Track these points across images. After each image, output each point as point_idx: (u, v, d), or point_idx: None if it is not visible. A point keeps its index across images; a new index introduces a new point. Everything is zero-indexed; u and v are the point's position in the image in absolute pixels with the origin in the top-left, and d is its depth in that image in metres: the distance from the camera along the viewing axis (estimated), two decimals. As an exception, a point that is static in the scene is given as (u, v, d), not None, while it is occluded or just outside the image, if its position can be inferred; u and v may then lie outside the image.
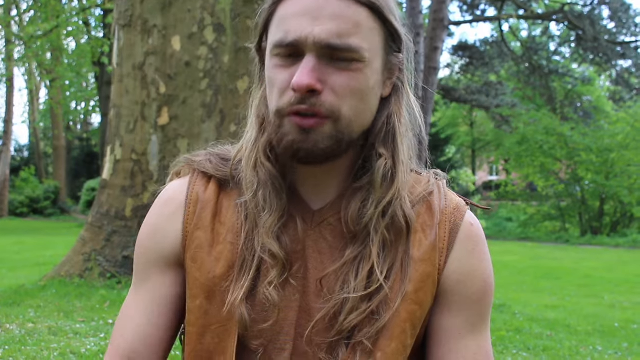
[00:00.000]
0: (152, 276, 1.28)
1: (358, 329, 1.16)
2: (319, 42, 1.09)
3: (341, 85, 1.11)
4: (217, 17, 7.47)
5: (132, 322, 1.27)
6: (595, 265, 13.84)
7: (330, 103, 1.10)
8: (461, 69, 32.37)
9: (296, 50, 1.11)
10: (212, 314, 1.21)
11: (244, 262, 1.20)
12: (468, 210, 1.28)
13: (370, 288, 1.16)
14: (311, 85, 1.08)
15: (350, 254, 1.18)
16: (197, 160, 1.31)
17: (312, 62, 1.09)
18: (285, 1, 1.14)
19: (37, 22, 21.62)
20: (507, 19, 28.12)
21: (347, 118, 1.13)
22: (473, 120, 40.46)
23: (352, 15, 1.10)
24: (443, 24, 14.06)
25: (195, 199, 1.26)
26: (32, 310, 6.39)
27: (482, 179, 45.20)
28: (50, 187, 32.88)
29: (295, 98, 1.10)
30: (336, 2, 1.10)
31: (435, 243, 1.22)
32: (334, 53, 1.10)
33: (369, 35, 1.13)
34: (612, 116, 28.46)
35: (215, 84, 7.48)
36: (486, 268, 1.27)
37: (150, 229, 1.30)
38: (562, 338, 6.45)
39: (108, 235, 7.59)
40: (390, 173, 1.18)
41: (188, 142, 7.44)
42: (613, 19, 27.08)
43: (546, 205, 24.35)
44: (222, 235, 1.23)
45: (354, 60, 1.11)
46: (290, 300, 1.20)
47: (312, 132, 1.11)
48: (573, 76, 30.41)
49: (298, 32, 1.09)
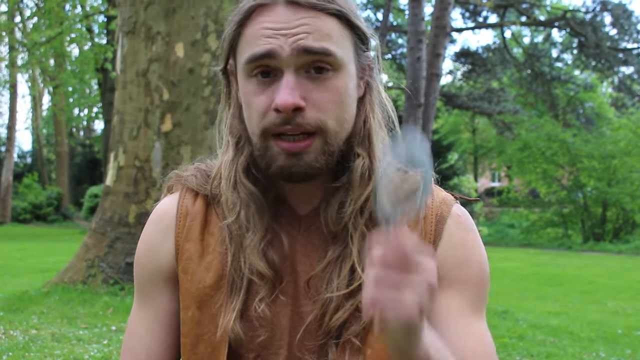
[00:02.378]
0: (153, 294, 1.30)
1: (345, 327, 1.16)
2: (295, 49, 1.09)
3: (323, 99, 1.11)
4: (220, 24, 7.50)
5: (140, 342, 1.29)
6: (598, 272, 13.81)
7: (315, 119, 1.11)
8: (463, 76, 32.40)
9: (271, 66, 1.11)
10: (204, 323, 1.22)
11: (233, 284, 1.20)
12: (456, 203, 1.28)
13: (352, 285, 1.16)
14: (295, 104, 1.08)
15: (333, 253, 1.19)
16: (185, 176, 1.31)
17: (292, 80, 1.09)
18: (250, 22, 1.14)
19: (40, 28, 21.68)
20: (510, 25, 28.20)
21: (333, 130, 1.13)
22: (475, 126, 40.41)
23: (322, 25, 1.11)
24: (445, 30, 14.08)
25: (184, 213, 1.27)
26: (35, 316, 6.40)
27: (485, 186, 45.15)
28: (53, 194, 32.89)
29: (280, 118, 1.10)
30: (305, 14, 1.10)
31: (421, 237, 1.22)
32: (311, 61, 1.10)
33: (341, 42, 1.13)
34: (614, 123, 28.44)
35: (218, 91, 7.45)
36: (478, 254, 1.26)
37: (145, 247, 1.31)
38: (565, 345, 6.44)
39: (111, 241, 7.60)
40: (367, 172, 1.18)
41: (191, 149, 7.45)
42: (615, 26, 27.12)
43: (548, 212, 24.29)
44: (212, 245, 1.24)
45: (331, 69, 1.12)
46: (282, 310, 1.20)
47: (304, 154, 1.12)
48: (575, 83, 30.40)
49: (269, 45, 1.10)
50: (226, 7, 7.52)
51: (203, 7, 7.53)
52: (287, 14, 1.11)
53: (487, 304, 1.27)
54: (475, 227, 1.29)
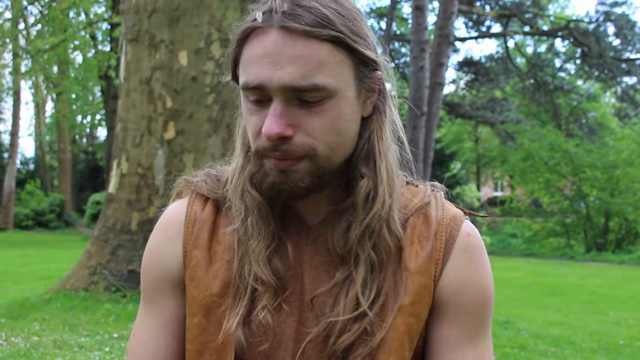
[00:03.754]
0: (160, 299, 1.29)
1: (352, 349, 1.16)
2: (283, 86, 1.07)
3: (314, 126, 1.10)
4: (224, 33, 7.52)
5: (145, 347, 1.28)
6: (600, 282, 13.79)
7: (303, 145, 1.10)
8: (466, 85, 32.43)
9: (263, 94, 1.10)
10: (210, 331, 1.22)
11: (238, 289, 1.20)
12: (466, 220, 1.27)
13: (359, 309, 1.15)
14: (280, 133, 1.07)
15: (340, 275, 1.18)
16: (194, 181, 1.31)
17: (279, 108, 1.08)
18: (248, 43, 1.12)
19: (44, 35, 21.74)
20: (513, 35, 28.23)
21: (323, 155, 1.12)
22: (478, 136, 40.44)
23: (314, 54, 1.07)
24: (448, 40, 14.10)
25: (193, 219, 1.28)
26: (37, 323, 6.40)
27: (487, 195, 45.12)
28: (55, 200, 32.91)
29: (269, 144, 1.10)
30: (294, 44, 1.07)
31: (432, 254, 1.21)
32: (300, 94, 1.08)
33: (336, 69, 1.10)
34: (617, 133, 28.39)
35: (221, 99, 7.51)
36: (484, 278, 1.25)
37: (153, 253, 1.31)
38: (566, 355, 6.43)
39: (113, 249, 7.61)
40: (372, 193, 1.17)
41: (194, 157, 7.46)
42: (618, 36, 27.16)
43: (551, 222, 24.25)
44: (219, 253, 1.24)
45: (324, 98, 1.10)
46: (286, 320, 1.20)
47: (291, 173, 1.12)
48: (578, 93, 30.44)
49: (260, 77, 1.08)
50: (230, 15, 7.54)
51: (207, 15, 7.55)
52: (278, 40, 1.08)
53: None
54: (483, 246, 1.28)
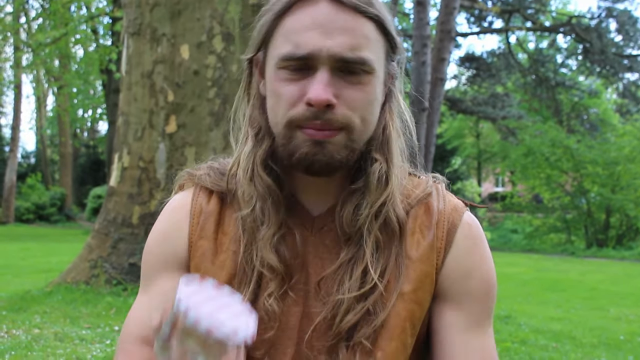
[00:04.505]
0: (161, 279, 1.28)
1: (356, 329, 1.17)
2: (332, 56, 1.09)
3: (354, 98, 1.12)
4: (225, 27, 7.51)
5: (144, 323, 1.25)
6: (600, 278, 13.79)
7: (343, 116, 1.12)
8: (468, 81, 32.41)
9: (307, 63, 1.11)
10: None
11: (243, 275, 1.21)
12: (467, 211, 1.29)
13: (364, 288, 1.17)
14: (329, 100, 1.09)
15: (345, 255, 1.19)
16: (198, 175, 1.32)
17: (326, 77, 1.10)
18: (290, 14, 1.13)
19: (45, 29, 21.75)
20: (515, 31, 28.19)
21: (358, 129, 1.14)
22: (479, 131, 40.39)
23: (361, 29, 1.12)
24: (450, 35, 14.07)
25: (198, 211, 1.28)
26: (38, 316, 6.41)
27: (488, 191, 45.10)
28: (56, 194, 32.91)
29: (310, 112, 1.10)
30: (346, 16, 1.11)
31: (433, 243, 1.23)
32: (346, 66, 1.11)
33: (375, 47, 1.15)
34: (619, 129, 28.35)
35: (223, 93, 7.51)
36: (486, 266, 1.26)
37: (159, 236, 1.31)
38: (567, 350, 6.43)
39: (114, 242, 7.61)
40: (384, 176, 1.19)
41: (195, 151, 7.46)
42: (620, 32, 27.13)
43: (552, 218, 24.23)
44: (225, 244, 1.25)
45: (364, 72, 1.13)
46: (291, 308, 1.21)
47: (327, 144, 1.12)
48: (580, 89, 30.39)
49: (310, 45, 1.10)
50: (232, 9, 7.53)
51: (209, 9, 7.54)
52: (329, 12, 1.11)
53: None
54: (484, 236, 1.29)
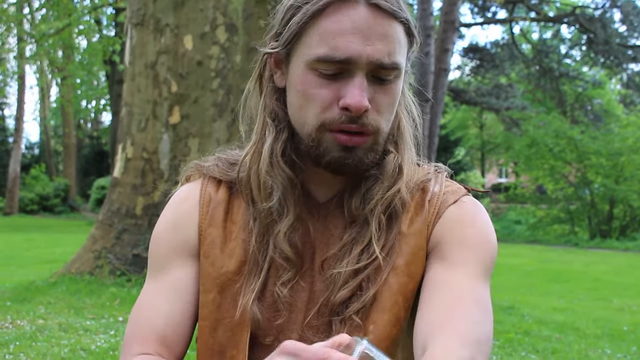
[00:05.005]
0: (174, 267, 1.28)
1: (347, 305, 1.19)
2: (372, 62, 1.11)
3: (383, 103, 1.15)
4: (229, 17, 7.50)
5: (158, 310, 1.26)
6: (604, 269, 13.79)
7: (375, 121, 1.14)
8: (471, 71, 32.30)
9: (343, 67, 1.12)
10: (225, 307, 1.23)
11: (254, 264, 1.22)
12: (468, 195, 1.29)
13: (359, 263, 1.19)
14: (367, 106, 1.11)
15: (348, 237, 1.21)
16: (206, 166, 1.33)
17: (364, 83, 1.12)
18: (327, 15, 1.12)
19: (49, 20, 21.69)
20: (518, 21, 28.08)
21: (384, 132, 1.18)
22: (483, 122, 40.33)
23: (395, 34, 1.13)
24: (454, 25, 14.06)
25: (207, 199, 1.29)
26: (42, 306, 6.42)
27: (492, 182, 45.05)
28: (60, 185, 32.99)
29: (346, 117, 1.12)
30: (383, 21, 1.12)
31: (425, 218, 1.24)
32: (381, 72, 1.13)
33: (403, 50, 1.17)
34: (623, 120, 28.35)
35: (226, 84, 7.50)
36: (480, 228, 1.24)
37: (168, 225, 1.31)
38: (570, 341, 6.44)
39: (118, 233, 7.62)
40: (398, 167, 1.22)
41: (199, 142, 7.46)
42: (624, 23, 27.01)
43: (555, 209, 24.23)
44: (234, 232, 1.26)
45: (394, 77, 1.15)
46: (299, 294, 1.23)
47: (357, 149, 1.15)
48: (583, 79, 30.31)
49: (350, 50, 1.10)
50: (235, 0, 7.51)
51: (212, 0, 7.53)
52: (367, 17, 1.11)
53: (493, 297, 1.25)
54: (482, 210, 1.28)
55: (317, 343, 0.85)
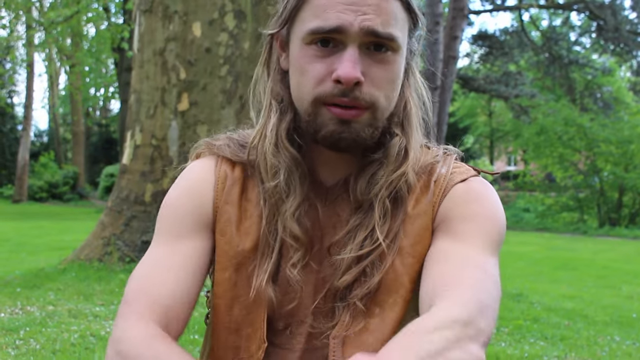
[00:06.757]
0: (189, 235, 1.25)
1: (350, 290, 1.20)
2: (363, 29, 1.11)
3: (380, 77, 1.15)
4: (237, 4, 7.48)
5: (168, 274, 1.20)
6: (613, 257, 13.76)
7: (369, 94, 1.14)
8: (480, 59, 32.17)
9: (335, 38, 1.13)
10: (241, 285, 1.24)
11: (266, 245, 1.23)
12: (476, 176, 1.29)
13: (362, 250, 1.19)
14: (358, 78, 1.11)
15: (354, 222, 1.21)
16: (217, 145, 1.32)
17: (356, 54, 1.12)
18: None
19: (57, 7, 21.68)
20: (528, 8, 27.95)
21: (383, 107, 1.17)
22: (492, 110, 40.25)
23: (390, 7, 1.14)
24: (463, 13, 14.01)
25: (223, 176, 1.28)
26: (52, 293, 6.45)
27: (500, 169, 45.00)
28: (69, 173, 33.10)
29: (338, 89, 1.12)
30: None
31: (431, 199, 1.24)
32: (375, 42, 1.13)
33: (401, 25, 1.17)
34: (632, 107, 28.26)
35: (235, 71, 7.49)
36: (489, 202, 1.24)
37: (183, 192, 1.29)
38: (579, 328, 6.43)
39: (127, 219, 7.64)
40: (404, 150, 1.22)
41: (208, 128, 7.46)
42: (635, 9, 26.87)
43: (564, 196, 24.18)
44: (249, 211, 1.26)
45: (391, 50, 1.15)
46: (308, 277, 1.23)
47: (353, 122, 1.14)
48: (593, 67, 30.15)
49: (341, 19, 1.11)
50: (243, -14, 7.50)
51: (220, -14, 7.51)
52: None
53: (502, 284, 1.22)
54: (491, 191, 1.27)
55: None
